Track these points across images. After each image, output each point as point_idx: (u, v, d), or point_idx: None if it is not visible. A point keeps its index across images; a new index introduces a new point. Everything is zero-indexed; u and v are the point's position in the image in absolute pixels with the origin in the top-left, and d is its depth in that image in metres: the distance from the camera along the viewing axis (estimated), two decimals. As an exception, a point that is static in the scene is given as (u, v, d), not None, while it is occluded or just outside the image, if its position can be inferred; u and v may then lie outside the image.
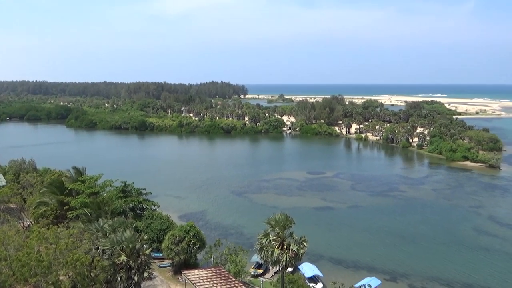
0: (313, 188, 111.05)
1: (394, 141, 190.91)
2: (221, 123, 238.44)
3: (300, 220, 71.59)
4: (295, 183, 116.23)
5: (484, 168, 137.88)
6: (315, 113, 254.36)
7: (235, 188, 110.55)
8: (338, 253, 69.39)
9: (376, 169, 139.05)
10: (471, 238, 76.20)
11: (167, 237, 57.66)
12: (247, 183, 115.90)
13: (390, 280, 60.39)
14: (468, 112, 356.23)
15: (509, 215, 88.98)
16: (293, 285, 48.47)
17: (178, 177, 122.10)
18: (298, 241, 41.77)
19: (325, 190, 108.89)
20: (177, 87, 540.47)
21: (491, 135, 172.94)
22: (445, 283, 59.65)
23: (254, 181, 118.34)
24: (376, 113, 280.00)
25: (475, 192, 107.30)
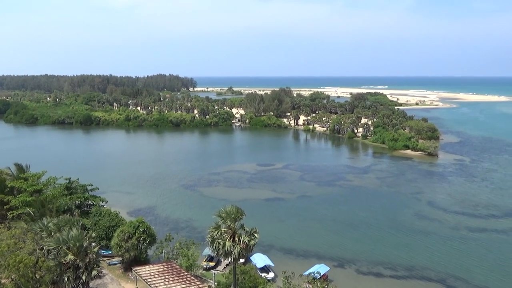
0: (263, 179, 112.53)
1: (341, 131, 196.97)
2: (170, 117, 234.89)
3: (251, 211, 72.55)
4: (245, 175, 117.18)
5: (423, 156, 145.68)
6: (264, 105, 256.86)
7: (185, 182, 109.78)
8: (288, 243, 71.10)
9: (324, 159, 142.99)
10: (412, 223, 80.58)
11: (116, 233, 56.54)
12: (197, 176, 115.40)
13: (338, 266, 62.77)
14: (409, 103, 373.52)
15: (445, 200, 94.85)
16: (245, 276, 49.23)
17: (127, 172, 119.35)
18: (249, 233, 42.43)
19: (274, 181, 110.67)
20: (124, 80, 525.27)
21: (430, 125, 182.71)
22: (389, 266, 62.87)
23: (204, 174, 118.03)
24: (323, 105, 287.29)
25: (415, 179, 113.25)
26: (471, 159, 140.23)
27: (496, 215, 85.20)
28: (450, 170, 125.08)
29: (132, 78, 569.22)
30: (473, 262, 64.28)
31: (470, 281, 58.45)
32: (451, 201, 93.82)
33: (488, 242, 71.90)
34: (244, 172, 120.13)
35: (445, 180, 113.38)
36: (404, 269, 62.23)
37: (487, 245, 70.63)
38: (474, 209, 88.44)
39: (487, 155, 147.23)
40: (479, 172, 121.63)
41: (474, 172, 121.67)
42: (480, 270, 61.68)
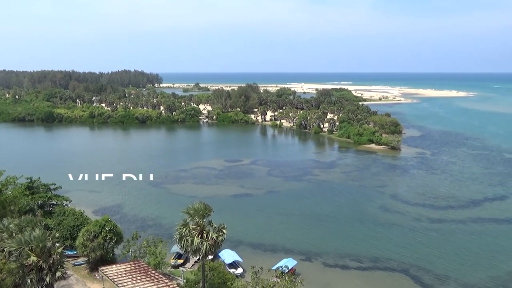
0: (231, 175, 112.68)
1: (307, 127, 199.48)
2: (135, 113, 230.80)
3: (219, 208, 72.68)
4: (213, 171, 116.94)
5: (387, 150, 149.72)
6: (231, 101, 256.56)
7: (152, 179, 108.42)
8: (257, 238, 71.70)
9: (291, 154, 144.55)
10: (376, 216, 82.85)
11: (81, 233, 55.40)
12: (164, 173, 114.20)
13: (305, 260, 63.88)
14: (372, 98, 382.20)
15: (407, 193, 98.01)
16: (213, 273, 49.37)
17: (91, 171, 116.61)
18: (217, 229, 42.52)
19: (242, 177, 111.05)
20: (87, 76, 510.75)
21: (393, 119, 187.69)
22: (355, 258, 64.52)
23: (171, 171, 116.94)
24: (289, 100, 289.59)
25: (379, 173, 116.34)
26: (431, 152, 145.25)
27: (454, 206, 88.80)
28: (412, 163, 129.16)
29: (96, 74, 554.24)
30: (434, 252, 66.86)
31: (432, 270, 60.80)
32: (413, 194, 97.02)
33: (447, 232, 74.91)
34: (211, 169, 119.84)
35: (407, 173, 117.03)
36: (369, 260, 64.01)
37: (447, 235, 73.59)
38: (435, 201, 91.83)
39: (446, 148, 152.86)
40: (439, 165, 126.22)
41: (434, 165, 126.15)
42: (440, 259, 64.24)
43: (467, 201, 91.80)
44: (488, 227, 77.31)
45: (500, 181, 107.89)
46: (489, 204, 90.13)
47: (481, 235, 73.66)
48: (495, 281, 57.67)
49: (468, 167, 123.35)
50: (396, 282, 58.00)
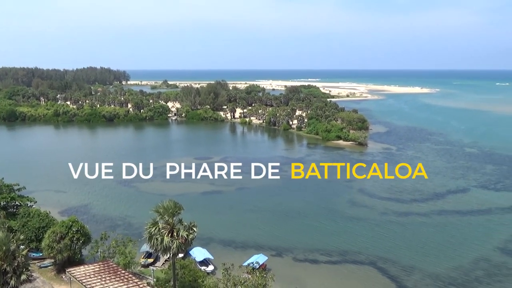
0: (201, 172, 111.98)
1: (276, 124, 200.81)
2: (102, 111, 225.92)
3: (189, 206, 72.13)
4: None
5: (354, 145, 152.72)
6: (200, 98, 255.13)
7: (120, 177, 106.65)
8: (227, 235, 71.88)
9: (261, 151, 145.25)
10: (344, 210, 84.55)
11: (47, 234, 54.05)
12: (133, 172, 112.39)
13: (276, 256, 64.56)
14: (340, 95, 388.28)
15: (374, 187, 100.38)
16: (184, 271, 49.26)
17: (57, 170, 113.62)
18: (188, 227, 42.43)
19: (212, 174, 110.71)
20: (51, 73, 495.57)
21: (360, 116, 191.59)
22: (324, 253, 65.73)
23: (140, 169, 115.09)
24: (258, 97, 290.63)
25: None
26: (397, 147, 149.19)
27: (418, 199, 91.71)
28: (378, 158, 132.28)
29: (60, 71, 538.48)
30: (400, 244, 68.94)
31: (398, 262, 62.69)
32: (379, 188, 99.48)
33: (412, 225, 77.35)
34: (181, 166, 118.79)
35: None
36: (338, 254, 65.35)
37: (412, 228, 75.98)
38: (400, 195, 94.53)
39: (411, 143, 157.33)
40: (404, 159, 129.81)
41: (400, 159, 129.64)
42: (406, 251, 66.32)
43: (431, 194, 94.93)
44: (450, 219, 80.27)
45: (462, 175, 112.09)
46: (451, 197, 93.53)
47: (444, 227, 76.41)
48: (458, 271, 60.04)
49: (432, 162, 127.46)
50: (364, 274, 59.49)
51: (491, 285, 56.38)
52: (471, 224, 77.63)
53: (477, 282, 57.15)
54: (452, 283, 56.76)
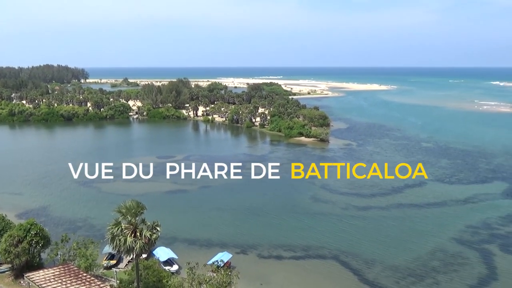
0: (164, 172, 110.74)
1: (239, 121, 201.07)
2: (60, 110, 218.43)
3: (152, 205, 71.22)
4: (145, 168, 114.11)
5: (316, 142, 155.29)
6: (162, 96, 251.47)
7: (81, 178, 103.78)
8: (191, 234, 71.50)
9: (224, 149, 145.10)
10: (308, 206, 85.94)
11: (4, 239, 51.96)
12: (94, 172, 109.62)
13: (240, 253, 64.86)
14: (302, 92, 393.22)
15: (336, 183, 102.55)
16: (148, 271, 48.64)
17: (13, 172, 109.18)
18: (151, 227, 41.96)
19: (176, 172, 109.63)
20: (5, 71, 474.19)
21: (321, 113, 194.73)
22: (288, 248, 66.60)
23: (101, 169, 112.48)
24: (221, 95, 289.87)
25: (310, 165, 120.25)
26: (357, 143, 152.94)
27: (379, 194, 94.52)
28: (340, 154, 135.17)
29: (15, 69, 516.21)
30: (361, 238, 70.85)
31: (359, 255, 64.42)
32: (341, 184, 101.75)
33: (373, 219, 79.68)
34: (143, 166, 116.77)
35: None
36: (302, 250, 66.42)
37: (372, 221, 78.27)
38: (361, 190, 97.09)
39: (371, 139, 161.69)
40: (364, 155, 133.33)
41: (360, 155, 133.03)
42: (367, 244, 68.23)
43: (390, 189, 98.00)
44: (408, 212, 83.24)
45: (418, 169, 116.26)
46: (409, 191, 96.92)
47: (402, 220, 79.16)
48: (416, 262, 62.42)
49: (391, 156, 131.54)
50: (327, 268, 60.79)
51: (448, 274, 58.98)
52: (427, 217, 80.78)
53: (435, 272, 59.65)
54: (410, 274, 58.96)
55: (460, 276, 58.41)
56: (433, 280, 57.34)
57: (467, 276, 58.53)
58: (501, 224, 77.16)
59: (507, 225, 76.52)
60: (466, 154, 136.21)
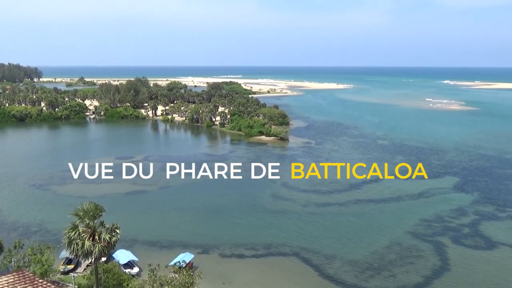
0: (123, 173, 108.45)
1: (199, 120, 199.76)
2: (12, 111, 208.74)
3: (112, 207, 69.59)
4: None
5: (276, 141, 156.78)
6: (120, 96, 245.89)
7: (35, 181, 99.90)
8: (152, 235, 70.52)
9: (184, 149, 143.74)
10: (269, 205, 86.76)
11: (-49, 248, 49.24)
12: (48, 175, 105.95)
13: (202, 253, 64.67)
14: (261, 91, 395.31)
15: (296, 181, 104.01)
16: (108, 275, 47.62)
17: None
18: (110, 229, 41.06)
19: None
20: None
21: (281, 111, 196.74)
22: (250, 247, 67.03)
23: (56, 172, 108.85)
24: (180, 94, 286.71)
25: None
26: (316, 141, 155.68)
27: (338, 190, 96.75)
28: (299, 152, 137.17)
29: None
30: (322, 234, 72.37)
31: (319, 251, 65.80)
32: (301, 181, 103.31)
33: (332, 215, 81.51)
34: (101, 167, 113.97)
35: (295, 162, 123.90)
36: (263, 248, 67.04)
37: (332, 217, 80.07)
38: (320, 187, 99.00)
39: (329, 137, 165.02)
40: (323, 153, 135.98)
41: (319, 153, 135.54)
42: (327, 240, 69.80)
43: (348, 185, 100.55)
44: (366, 208, 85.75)
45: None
46: (366, 187, 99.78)
47: (360, 215, 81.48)
48: (374, 256, 64.50)
49: (349, 154, 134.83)
50: (288, 265, 61.68)
51: (404, 267, 61.32)
52: (384, 212, 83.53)
53: (391, 265, 61.85)
54: (369, 268, 60.86)
55: (415, 268, 60.90)
56: (390, 273, 59.47)
57: (422, 268, 61.12)
58: (452, 217, 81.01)
59: (457, 218, 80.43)
60: (419, 150, 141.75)
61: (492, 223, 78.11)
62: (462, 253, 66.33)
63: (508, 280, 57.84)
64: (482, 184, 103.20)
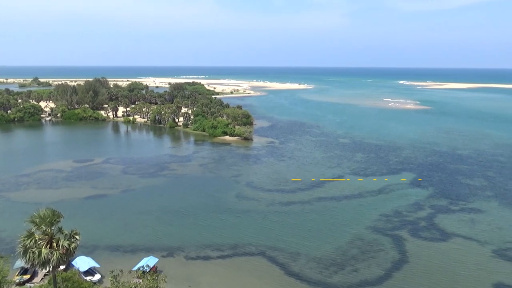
0: (82, 177, 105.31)
1: (162, 121, 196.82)
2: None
3: (70, 213, 67.67)
4: (60, 174, 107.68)
5: (240, 141, 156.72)
6: (78, 97, 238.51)
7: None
8: (114, 240, 68.71)
9: (146, 150, 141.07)
10: (234, 205, 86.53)
11: None
12: (1, 181, 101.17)
13: (167, 256, 63.60)
14: (225, 91, 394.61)
15: (261, 180, 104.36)
16: (67, 284, 45.97)
17: None
18: (69, 236, 39.71)
19: (95, 177, 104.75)
20: None
21: (244, 111, 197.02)
22: (216, 248, 66.56)
23: (9, 177, 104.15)
24: (142, 95, 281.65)
25: (235, 163, 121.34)
26: (280, 141, 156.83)
27: (301, 188, 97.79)
28: (263, 152, 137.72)
29: None
30: (287, 232, 72.88)
31: (284, 249, 66.24)
32: (266, 180, 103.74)
33: (296, 213, 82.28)
34: (59, 171, 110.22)
35: (260, 161, 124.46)
36: (229, 248, 66.75)
37: (296, 216, 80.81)
38: (285, 185, 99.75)
39: (292, 136, 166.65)
40: (287, 152, 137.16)
41: (283, 152, 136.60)
42: (292, 238, 70.35)
43: (312, 183, 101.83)
44: (329, 205, 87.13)
45: (337, 163, 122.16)
46: (329, 185, 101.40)
47: (323, 212, 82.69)
48: (337, 251, 65.62)
49: (311, 153, 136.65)
50: (254, 265, 61.68)
51: (366, 261, 62.75)
52: (346, 209, 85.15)
53: (354, 260, 63.12)
54: (332, 264, 61.85)
55: (377, 262, 62.47)
56: (353, 268, 60.70)
57: (382, 261, 62.78)
58: (410, 211, 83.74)
59: (414, 212, 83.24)
60: (378, 148, 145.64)
61: (446, 216, 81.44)
62: (419, 245, 68.67)
63: (460, 270, 60.46)
64: (437, 179, 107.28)
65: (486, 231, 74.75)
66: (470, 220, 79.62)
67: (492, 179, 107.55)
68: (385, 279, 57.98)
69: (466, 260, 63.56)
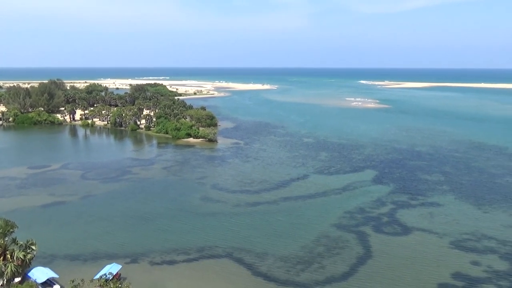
0: (38, 184, 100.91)
1: (123, 124, 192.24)
2: None
3: (26, 222, 64.64)
4: (13, 181, 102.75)
5: (204, 142, 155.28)
6: (32, 100, 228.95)
7: None
8: (74, 249, 65.99)
9: (107, 155, 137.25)
10: (199, 207, 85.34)
11: None
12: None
13: (131, 263, 61.68)
14: (188, 93, 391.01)
15: (226, 182, 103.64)
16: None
17: None
18: (24, 246, 37.77)
19: (52, 184, 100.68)
20: None
21: (208, 113, 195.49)
22: (182, 252, 65.25)
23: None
24: (101, 97, 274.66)
25: (199, 165, 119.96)
26: (245, 142, 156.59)
27: (267, 189, 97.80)
28: (228, 153, 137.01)
29: None
30: (253, 233, 72.53)
31: (252, 250, 65.81)
32: (231, 182, 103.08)
33: (263, 213, 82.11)
34: (11, 178, 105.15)
35: (225, 163, 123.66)
36: (195, 251, 65.62)
37: (263, 216, 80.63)
38: (250, 186, 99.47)
39: (257, 137, 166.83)
40: (252, 152, 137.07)
41: (248, 153, 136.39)
42: (259, 239, 70.05)
43: (277, 183, 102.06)
44: (294, 204, 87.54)
45: (301, 163, 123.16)
46: (294, 184, 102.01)
47: (289, 212, 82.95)
48: (304, 250, 65.90)
49: (276, 153, 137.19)
50: (221, 267, 60.88)
51: (331, 258, 63.36)
52: (311, 208, 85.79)
53: (320, 257, 63.58)
54: (299, 262, 62.01)
55: (342, 258, 63.23)
56: (319, 265, 61.12)
57: (348, 257, 63.61)
58: (372, 207, 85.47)
59: (377, 208, 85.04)
60: (341, 147, 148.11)
61: (407, 211, 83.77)
62: (382, 240, 70.13)
63: (422, 262, 62.17)
64: (397, 175, 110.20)
65: (444, 224, 77.30)
66: (429, 214, 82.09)
67: (449, 174, 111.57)
68: (351, 275, 58.70)
69: (427, 253, 65.43)
